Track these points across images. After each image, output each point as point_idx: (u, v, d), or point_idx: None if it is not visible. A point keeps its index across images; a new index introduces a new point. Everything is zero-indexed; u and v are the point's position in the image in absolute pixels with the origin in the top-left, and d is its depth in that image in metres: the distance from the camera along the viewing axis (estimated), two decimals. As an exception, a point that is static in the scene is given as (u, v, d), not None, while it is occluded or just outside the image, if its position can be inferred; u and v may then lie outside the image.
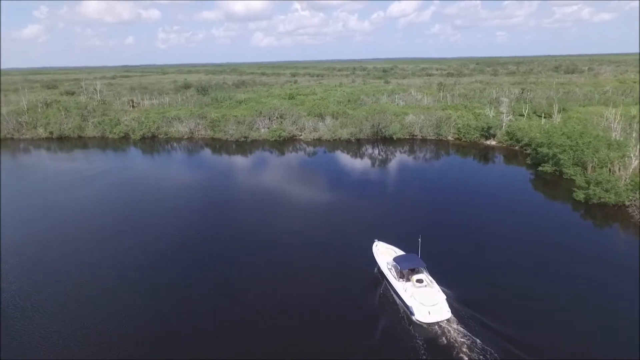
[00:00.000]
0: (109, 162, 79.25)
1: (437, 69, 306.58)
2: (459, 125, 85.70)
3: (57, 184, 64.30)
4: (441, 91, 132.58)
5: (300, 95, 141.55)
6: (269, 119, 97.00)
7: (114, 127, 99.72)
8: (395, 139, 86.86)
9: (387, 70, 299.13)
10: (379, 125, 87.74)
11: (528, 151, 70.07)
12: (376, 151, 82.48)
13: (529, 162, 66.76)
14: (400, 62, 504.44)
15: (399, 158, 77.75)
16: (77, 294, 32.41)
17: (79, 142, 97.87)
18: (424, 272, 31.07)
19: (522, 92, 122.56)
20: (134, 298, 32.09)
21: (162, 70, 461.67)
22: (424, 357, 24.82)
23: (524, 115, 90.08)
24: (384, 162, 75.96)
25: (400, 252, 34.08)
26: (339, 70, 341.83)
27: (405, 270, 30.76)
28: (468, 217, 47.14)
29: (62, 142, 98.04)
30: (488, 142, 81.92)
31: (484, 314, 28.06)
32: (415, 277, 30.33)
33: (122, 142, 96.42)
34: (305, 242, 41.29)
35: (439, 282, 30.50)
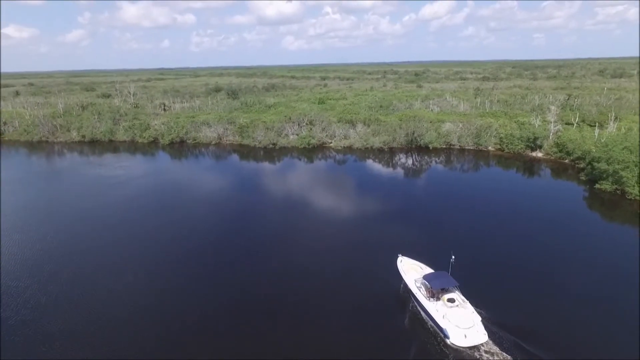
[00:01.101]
0: (139, 168, 78.67)
1: (471, 73, 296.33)
2: (502, 135, 79.86)
3: (88, 189, 63.87)
4: (478, 96, 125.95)
5: (330, 99, 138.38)
6: (298, 125, 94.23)
7: (144, 131, 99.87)
8: (431, 148, 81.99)
9: (419, 74, 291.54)
10: (413, 133, 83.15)
11: (581, 165, 63.79)
12: (410, 161, 77.99)
13: (583, 178, 60.56)
14: (432, 66, 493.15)
15: (435, 169, 72.98)
16: (107, 289, 32.25)
17: (110, 146, 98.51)
18: (456, 292, 29.63)
19: (569, 99, 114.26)
20: (168, 292, 33.06)
21: (195, 73, 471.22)
22: None
23: (572, 124, 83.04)
24: (418, 172, 71.47)
25: (427, 268, 32.86)
26: (370, 73, 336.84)
27: (436, 289, 29.24)
28: (507, 235, 43.03)
29: (94, 145, 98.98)
30: (534, 154, 75.73)
31: (522, 337, 26.32)
32: (447, 296, 28.93)
33: (151, 146, 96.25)
34: (330, 252, 40.21)
35: (471, 302, 28.68)
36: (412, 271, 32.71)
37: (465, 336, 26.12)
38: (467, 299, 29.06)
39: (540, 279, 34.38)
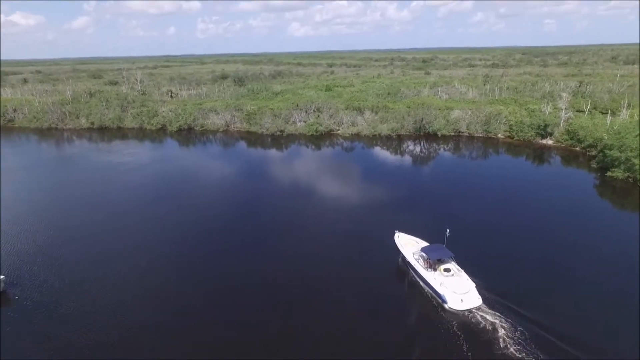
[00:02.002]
0: (147, 155, 79.10)
1: (480, 60, 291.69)
2: (511, 122, 78.94)
3: (98, 176, 64.43)
4: (487, 84, 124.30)
5: (337, 87, 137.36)
6: (306, 112, 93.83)
7: (152, 118, 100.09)
8: (439, 135, 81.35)
9: (427, 61, 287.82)
10: (422, 120, 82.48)
11: (592, 153, 63.03)
12: (418, 148, 77.56)
13: (594, 165, 59.88)
14: (440, 52, 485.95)
15: (443, 156, 72.57)
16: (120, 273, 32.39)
17: (118, 133, 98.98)
18: (452, 262, 31.96)
19: (580, 85, 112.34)
20: (177, 274, 33.15)
21: (201, 60, 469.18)
22: (460, 341, 25.93)
23: (584, 112, 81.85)
24: (426, 160, 71.12)
25: (423, 242, 34.87)
26: (377, 60, 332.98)
27: (433, 260, 31.55)
28: (514, 221, 43.55)
29: (103, 132, 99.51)
30: (544, 142, 74.87)
31: (512, 301, 28.90)
32: (443, 266, 31.36)
33: (159, 133, 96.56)
34: (334, 235, 41.39)
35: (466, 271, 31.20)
36: (408, 245, 34.89)
37: (462, 300, 28.60)
38: (462, 269, 31.49)
39: (549, 265, 34.52)
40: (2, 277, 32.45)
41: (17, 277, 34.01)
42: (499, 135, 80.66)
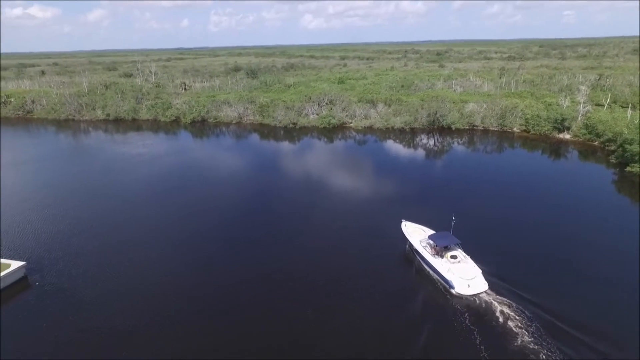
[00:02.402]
0: (161, 146, 79.94)
1: (496, 52, 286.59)
2: (527, 116, 77.52)
3: (114, 167, 65.57)
4: (503, 76, 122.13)
5: (350, 79, 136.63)
6: (318, 104, 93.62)
7: (166, 110, 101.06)
8: (453, 129, 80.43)
9: (442, 54, 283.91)
10: (435, 113, 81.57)
11: (612, 148, 61.60)
12: (432, 142, 76.84)
13: (613, 160, 58.61)
14: (455, 45, 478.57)
15: (457, 150, 71.74)
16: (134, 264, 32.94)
17: (133, 124, 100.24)
18: (458, 249, 32.68)
19: (600, 79, 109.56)
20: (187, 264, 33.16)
21: (214, 52, 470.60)
22: (466, 323, 26.77)
23: (603, 105, 79.93)
24: (440, 153, 70.45)
25: (429, 230, 35.62)
26: (390, 53, 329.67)
27: (440, 247, 32.36)
28: (529, 216, 42.76)
29: (118, 124, 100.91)
30: (561, 136, 73.42)
31: (519, 287, 29.71)
32: (450, 254, 32.15)
33: (173, 125, 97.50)
34: (346, 225, 42.14)
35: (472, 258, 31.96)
36: (415, 234, 35.69)
37: (469, 286, 29.44)
38: (468, 255, 32.18)
39: (559, 256, 34.44)
40: (24, 263, 33.44)
41: (38, 264, 34.93)
42: (515, 129, 79.37)
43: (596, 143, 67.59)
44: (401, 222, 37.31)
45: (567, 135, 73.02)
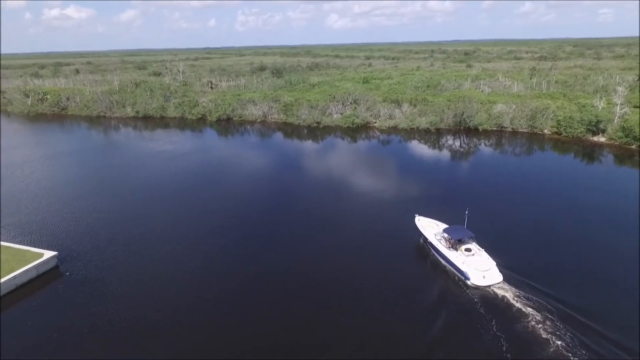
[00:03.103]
0: (188, 144, 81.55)
1: (526, 52, 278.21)
2: (559, 118, 74.70)
3: (141, 163, 67.55)
4: (534, 77, 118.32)
5: (375, 79, 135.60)
6: (342, 104, 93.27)
7: (192, 108, 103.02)
8: (480, 130, 78.48)
9: (469, 53, 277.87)
10: (462, 114, 79.77)
11: (650, 152, 58.63)
12: (457, 143, 75.18)
13: (651, 165, 55.80)
14: (484, 45, 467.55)
15: (484, 152, 69.90)
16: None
17: (161, 122, 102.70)
18: (473, 242, 33.41)
19: (639, 79, 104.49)
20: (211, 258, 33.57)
21: (240, 52, 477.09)
22: (482, 313, 27.50)
23: (642, 108, 76.11)
24: (466, 155, 68.84)
25: (443, 224, 36.30)
26: (416, 53, 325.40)
27: (454, 240, 33.09)
28: (560, 222, 41.04)
29: (147, 121, 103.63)
30: (595, 139, 70.39)
31: (534, 280, 30.30)
32: (464, 246, 32.90)
33: (200, 123, 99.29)
34: (365, 222, 42.47)
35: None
36: (429, 227, 36.42)
37: (484, 277, 30.11)
38: (482, 248, 32.84)
39: (584, 260, 33.50)
40: (55, 253, 34.69)
41: (67, 255, 36.15)
42: (545, 130, 76.68)
43: (634, 147, 64.45)
44: (415, 216, 38.23)
45: (601, 138, 69.95)
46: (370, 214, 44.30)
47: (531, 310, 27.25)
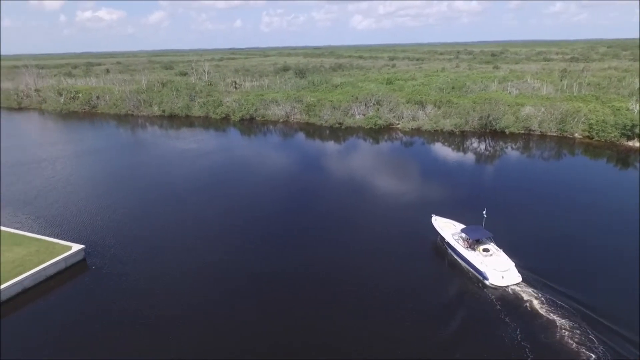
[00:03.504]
0: (211, 143, 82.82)
1: (557, 53, 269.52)
2: (591, 121, 71.89)
3: (166, 161, 68.92)
4: (565, 79, 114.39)
5: (398, 80, 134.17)
6: (365, 105, 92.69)
7: (217, 107, 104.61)
8: (507, 133, 76.43)
9: (497, 55, 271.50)
10: (488, 116, 77.89)
11: (690, 158, 55.65)
12: (482, 146, 73.43)
13: (691, 172, 52.93)
14: (512, 45, 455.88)
15: (510, 155, 67.99)
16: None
17: (186, 120, 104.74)
18: (491, 242, 33.52)
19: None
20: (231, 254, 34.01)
21: (264, 53, 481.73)
22: (501, 313, 27.46)
23: (681, 112, 72.35)
24: (491, 158, 67.13)
25: (460, 225, 36.41)
26: (441, 54, 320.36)
27: (472, 240, 33.16)
28: (579, 220, 40.60)
29: (172, 120, 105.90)
30: (630, 143, 67.36)
31: (553, 281, 30.16)
32: (482, 247, 33.04)
33: (223, 122, 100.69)
34: (384, 224, 42.14)
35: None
36: (446, 228, 36.51)
37: (503, 277, 30.14)
38: (500, 249, 32.89)
39: (608, 265, 31.51)
40: (83, 246, 35.76)
41: (94, 249, 37.19)
42: (576, 134, 73.97)
43: (671, 153, 61.39)
44: (431, 216, 38.28)
45: (637, 143, 66.87)
46: (390, 216, 43.96)
47: (551, 311, 27.25)
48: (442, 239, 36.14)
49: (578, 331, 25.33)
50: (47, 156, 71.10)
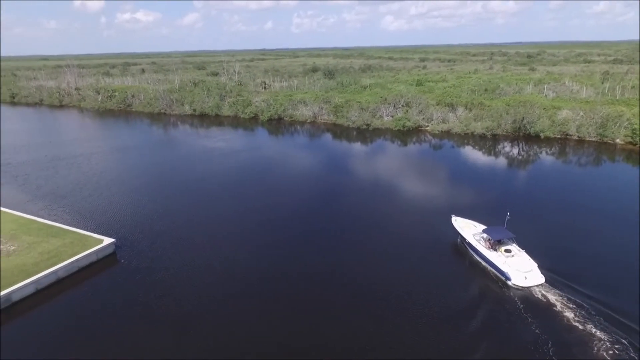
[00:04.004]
0: (239, 142, 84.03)
1: (598, 55, 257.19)
2: (635, 126, 68.01)
3: (195, 159, 70.37)
4: (607, 82, 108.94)
5: (429, 82, 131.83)
6: (394, 106, 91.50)
7: (246, 107, 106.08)
8: (542, 137, 73.47)
9: (533, 56, 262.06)
10: (522, 120, 75.12)
11: None
12: (515, 150, 70.86)
13: None
14: (549, 47, 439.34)
15: (544, 160, 65.25)
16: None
17: (216, 120, 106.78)
18: (513, 243, 33.23)
19: None
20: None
21: (294, 53, 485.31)
22: (524, 314, 27.35)
23: None
24: (524, 163, 64.70)
25: (480, 225, 36.16)
26: (474, 55, 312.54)
27: (494, 241, 32.91)
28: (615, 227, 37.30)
29: (203, 119, 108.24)
30: (677, 151, 63.35)
31: (576, 282, 30.00)
32: (504, 247, 32.81)
33: (252, 122, 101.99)
34: (409, 228, 40.62)
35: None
36: (467, 228, 36.21)
37: (525, 278, 29.78)
38: (522, 249, 32.61)
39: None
40: (113, 240, 36.92)
41: (123, 243, 38.32)
42: (617, 140, 70.19)
43: None
44: (451, 217, 38.20)
45: (685, 151, 62.74)
46: (412, 218, 43.65)
47: (574, 312, 27.18)
48: (463, 239, 35.97)
49: (601, 333, 25.14)
50: (83, 151, 74.17)
